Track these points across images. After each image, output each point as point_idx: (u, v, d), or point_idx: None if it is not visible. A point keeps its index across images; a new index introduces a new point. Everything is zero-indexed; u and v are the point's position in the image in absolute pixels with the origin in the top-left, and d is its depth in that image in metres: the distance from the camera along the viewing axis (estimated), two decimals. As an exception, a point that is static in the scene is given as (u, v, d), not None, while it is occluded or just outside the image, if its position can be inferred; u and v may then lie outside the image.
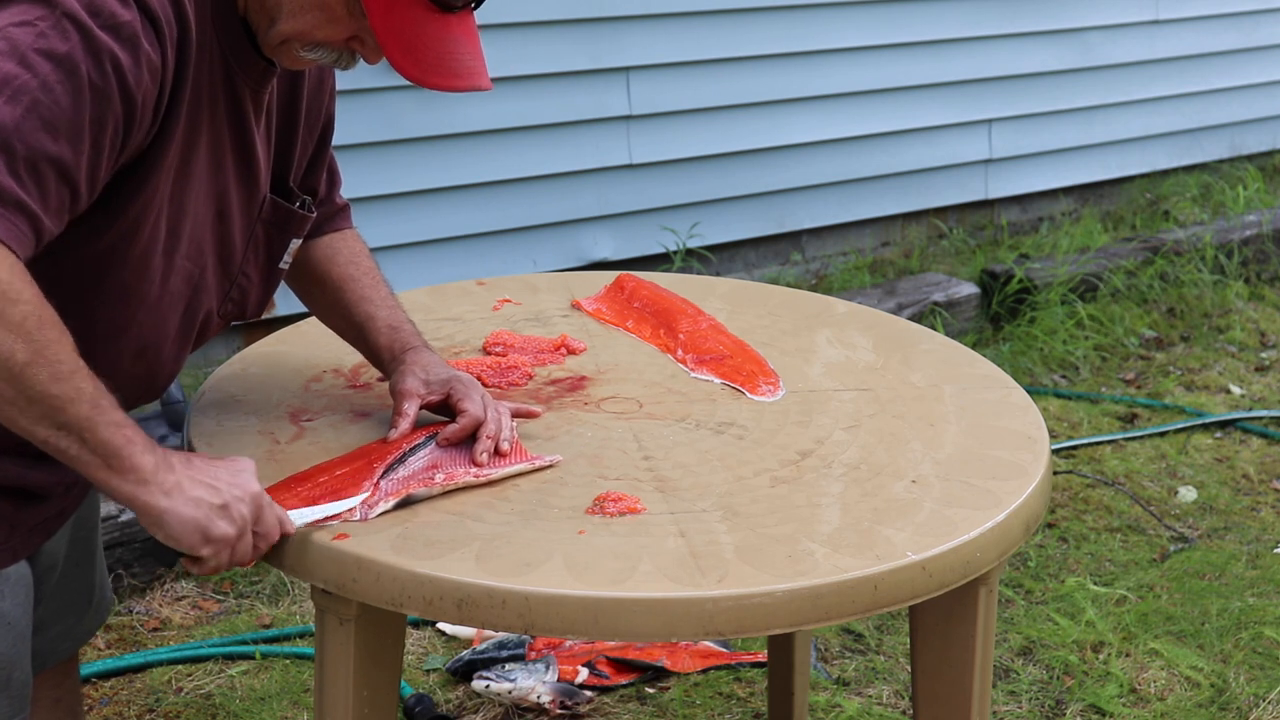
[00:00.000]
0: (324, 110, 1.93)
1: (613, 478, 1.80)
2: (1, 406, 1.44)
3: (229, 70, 1.67)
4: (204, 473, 1.56)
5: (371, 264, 2.04)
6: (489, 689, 2.90)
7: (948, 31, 5.51)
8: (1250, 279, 5.64)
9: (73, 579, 1.99)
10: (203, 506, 1.53)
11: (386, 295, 2.01)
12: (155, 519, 1.52)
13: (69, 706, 2.07)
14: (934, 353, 2.25)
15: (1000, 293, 5.07)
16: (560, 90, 4.59)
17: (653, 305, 2.35)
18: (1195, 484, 4.02)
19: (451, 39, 1.63)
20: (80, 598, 2.02)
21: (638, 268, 4.50)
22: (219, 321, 1.85)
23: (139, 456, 1.50)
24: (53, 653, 1.99)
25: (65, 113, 1.45)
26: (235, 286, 1.83)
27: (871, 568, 1.61)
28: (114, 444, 1.48)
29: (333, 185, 2.05)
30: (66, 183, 1.47)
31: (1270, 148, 6.87)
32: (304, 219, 1.88)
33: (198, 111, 1.64)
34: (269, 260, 1.87)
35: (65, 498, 1.84)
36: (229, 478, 1.57)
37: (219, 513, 1.55)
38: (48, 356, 1.43)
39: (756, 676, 3.04)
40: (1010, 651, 3.18)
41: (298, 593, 3.30)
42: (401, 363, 1.92)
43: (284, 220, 1.85)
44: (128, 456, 1.49)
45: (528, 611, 1.55)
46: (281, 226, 1.86)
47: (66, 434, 1.47)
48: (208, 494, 1.54)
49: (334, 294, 2.00)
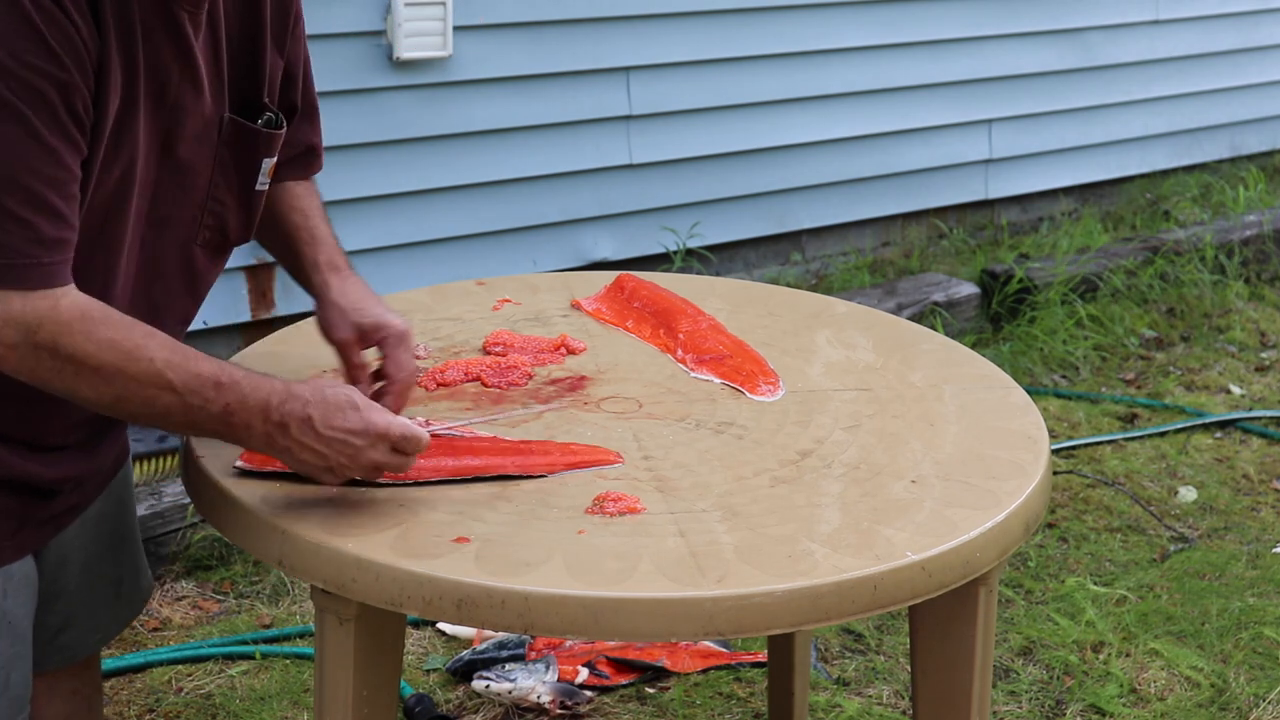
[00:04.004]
0: (291, 18, 1.87)
1: (612, 477, 1.80)
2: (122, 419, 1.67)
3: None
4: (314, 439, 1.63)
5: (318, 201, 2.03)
6: (489, 689, 2.90)
7: (948, 31, 5.50)
8: (1250, 279, 5.64)
9: (99, 572, 1.98)
10: (307, 468, 1.66)
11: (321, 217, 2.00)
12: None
13: (86, 698, 2.06)
14: (934, 353, 2.25)
15: (1000, 293, 5.07)
16: (560, 90, 4.59)
17: (653, 305, 2.35)
18: (1195, 484, 4.02)
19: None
20: (108, 591, 2.01)
21: (638, 268, 4.50)
22: (204, 253, 1.83)
23: (243, 436, 1.64)
24: (81, 645, 1.99)
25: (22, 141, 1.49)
26: (209, 214, 1.80)
27: (871, 568, 1.61)
28: (219, 434, 1.65)
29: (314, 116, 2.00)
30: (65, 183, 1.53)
31: (1270, 148, 6.86)
32: (271, 137, 1.83)
33: (134, 47, 1.62)
34: (241, 182, 1.83)
35: (76, 494, 1.84)
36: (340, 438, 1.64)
37: (325, 473, 1.66)
38: (132, 392, 1.58)
39: (756, 676, 3.04)
40: (1010, 651, 3.18)
41: (298, 593, 3.30)
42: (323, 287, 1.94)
43: (249, 140, 1.81)
44: (233, 438, 1.65)
45: (527, 611, 1.55)
46: (247, 147, 1.81)
47: (178, 429, 1.65)
48: (313, 458, 1.65)
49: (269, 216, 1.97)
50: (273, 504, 1.70)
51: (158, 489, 3.36)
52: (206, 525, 3.32)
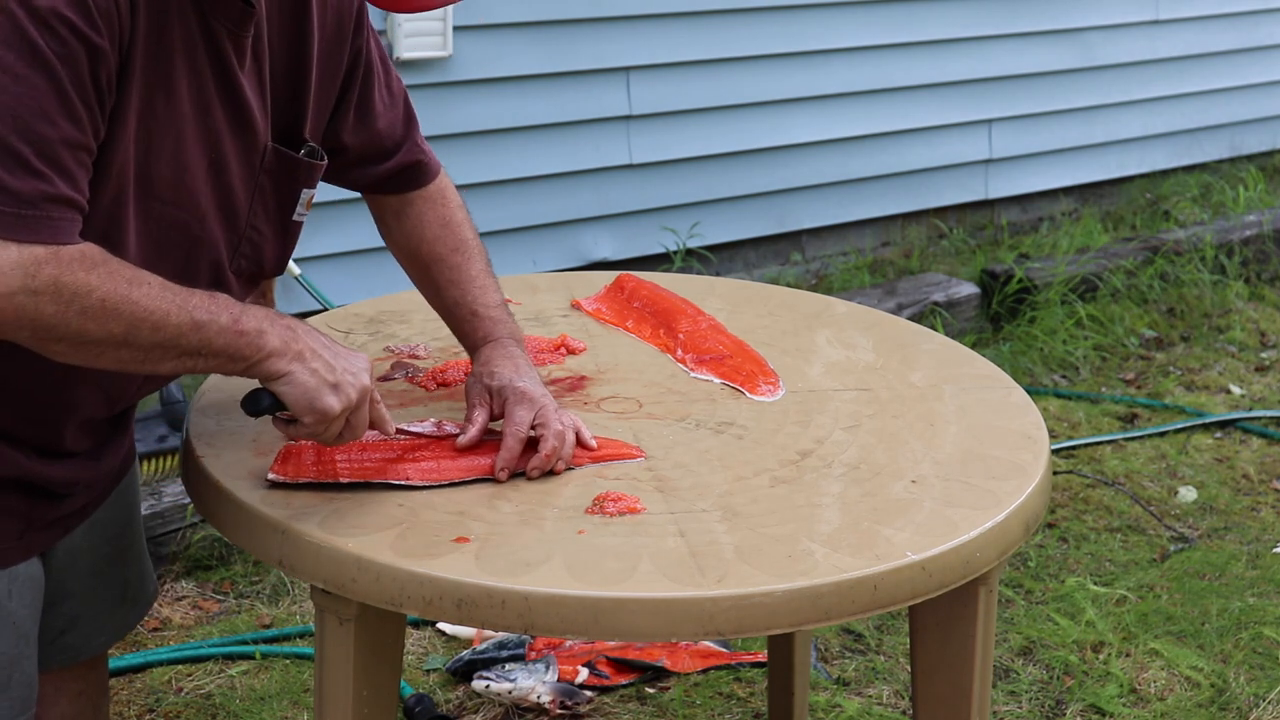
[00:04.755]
0: (346, 56, 1.88)
1: (612, 477, 1.80)
2: (133, 366, 1.58)
3: (201, 11, 1.64)
4: (327, 349, 1.66)
5: (459, 233, 2.03)
6: (489, 689, 2.90)
7: (948, 31, 5.51)
8: (1250, 279, 5.64)
9: (105, 576, 1.98)
10: (318, 377, 1.64)
11: (473, 274, 2.01)
12: (279, 378, 1.64)
13: (92, 699, 2.06)
14: (934, 353, 2.25)
15: (1000, 293, 5.07)
16: (560, 90, 4.59)
17: (652, 305, 2.35)
18: (1195, 484, 4.02)
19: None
20: (113, 595, 2.01)
21: (638, 268, 4.50)
22: (237, 280, 1.83)
23: (260, 341, 1.61)
24: (85, 647, 1.99)
25: (48, 94, 1.47)
26: (245, 241, 1.80)
27: (871, 568, 1.61)
28: (232, 346, 1.60)
29: (408, 132, 2.01)
30: (81, 149, 1.51)
31: (1270, 148, 6.86)
32: (312, 168, 1.84)
33: (166, 55, 1.61)
34: (279, 212, 1.84)
35: (84, 496, 1.84)
36: (346, 364, 1.67)
37: (330, 389, 1.65)
38: (139, 316, 1.53)
39: (756, 676, 3.04)
40: (1010, 651, 3.18)
41: (298, 593, 3.30)
42: (475, 360, 1.97)
43: (289, 170, 1.82)
44: (248, 346, 1.61)
45: (527, 611, 1.55)
46: (288, 176, 1.82)
47: (190, 358, 1.60)
48: (324, 370, 1.65)
49: (422, 274, 2.04)
50: (273, 504, 1.70)
51: (158, 489, 3.36)
52: (206, 525, 3.32)
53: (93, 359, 1.56)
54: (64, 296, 1.48)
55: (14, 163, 1.45)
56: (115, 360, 1.56)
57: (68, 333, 1.51)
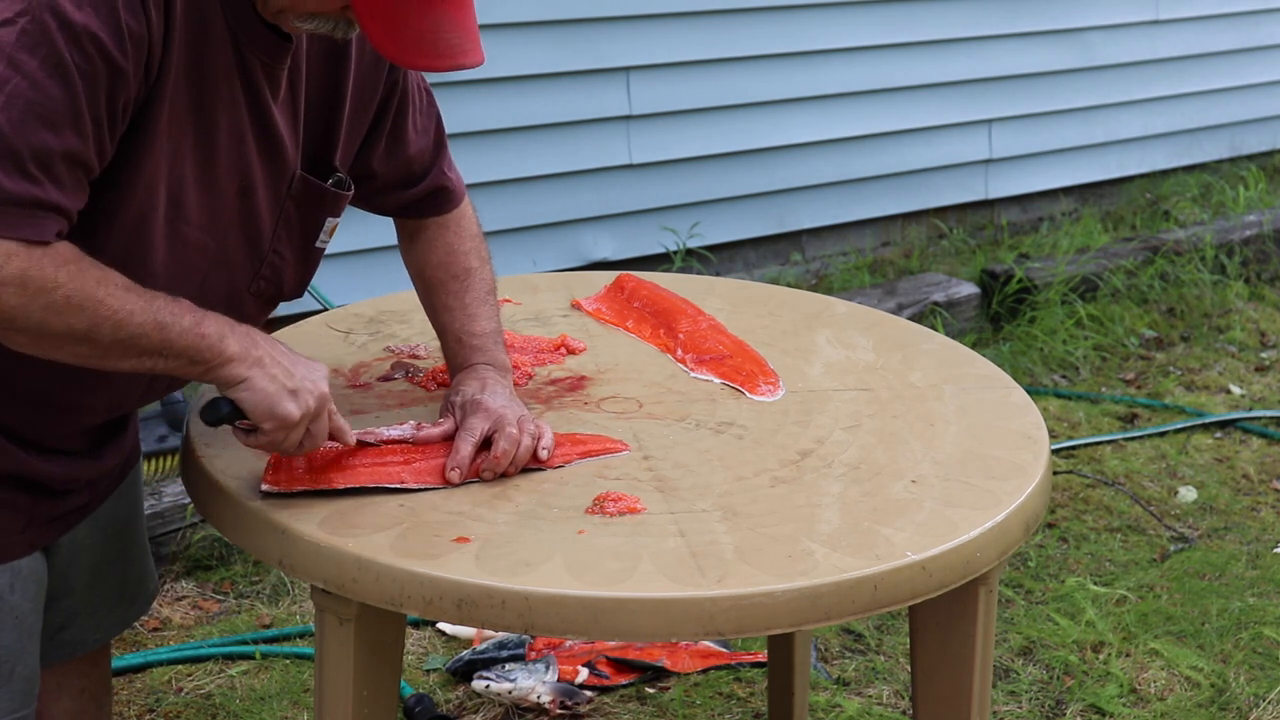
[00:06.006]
0: (381, 87, 1.90)
1: (612, 477, 1.81)
2: (90, 361, 1.59)
3: (237, 44, 1.67)
4: (285, 356, 1.68)
5: (464, 261, 2.05)
6: (489, 689, 2.90)
7: (948, 31, 5.50)
8: (1250, 279, 5.64)
9: (106, 573, 1.99)
10: (277, 383, 1.66)
11: (466, 302, 2.03)
12: (237, 385, 1.66)
13: (94, 696, 2.07)
14: (934, 353, 2.25)
15: (1000, 293, 5.07)
16: (560, 90, 4.59)
17: (652, 305, 2.35)
18: (1195, 484, 4.02)
19: (436, 15, 1.61)
20: (113, 592, 2.02)
21: (638, 268, 4.50)
22: (255, 301, 1.85)
23: (221, 345, 1.64)
24: (82, 642, 1.99)
25: (60, 104, 1.49)
26: (267, 265, 1.83)
27: (871, 567, 1.61)
28: (193, 348, 1.62)
29: (436, 158, 2.04)
30: (79, 164, 1.53)
31: (1270, 148, 6.86)
32: (338, 198, 1.87)
33: (203, 83, 1.64)
34: (303, 238, 1.86)
35: (87, 493, 1.85)
36: (305, 371, 1.69)
37: (289, 395, 1.66)
38: (102, 314, 1.55)
39: (756, 676, 3.04)
40: (1010, 651, 3.18)
41: (298, 593, 3.30)
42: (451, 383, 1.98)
43: (315, 198, 1.84)
44: (209, 349, 1.63)
45: (528, 611, 1.55)
46: (314, 204, 1.85)
47: (149, 358, 1.61)
48: (283, 376, 1.67)
49: (425, 295, 2.07)
50: (273, 504, 1.70)
51: (158, 489, 3.36)
52: (206, 525, 3.33)
53: (51, 351, 1.58)
54: (29, 289, 1.50)
55: (11, 164, 1.47)
56: (73, 355, 1.58)
57: (29, 324, 1.53)
